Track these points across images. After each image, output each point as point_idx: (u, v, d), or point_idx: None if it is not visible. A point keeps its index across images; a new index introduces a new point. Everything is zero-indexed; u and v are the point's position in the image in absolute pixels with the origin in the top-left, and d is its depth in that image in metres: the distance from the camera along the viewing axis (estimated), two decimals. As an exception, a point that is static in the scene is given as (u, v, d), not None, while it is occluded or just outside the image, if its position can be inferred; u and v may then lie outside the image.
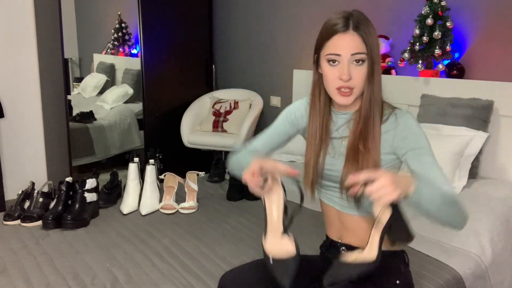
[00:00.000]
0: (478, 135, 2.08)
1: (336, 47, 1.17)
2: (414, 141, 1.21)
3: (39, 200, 2.08)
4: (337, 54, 1.16)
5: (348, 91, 1.17)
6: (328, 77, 1.19)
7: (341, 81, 1.16)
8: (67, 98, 3.23)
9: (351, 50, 1.15)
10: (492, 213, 1.85)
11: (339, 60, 1.17)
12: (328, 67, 1.19)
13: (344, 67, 1.16)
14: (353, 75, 1.16)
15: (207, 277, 1.55)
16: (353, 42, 1.16)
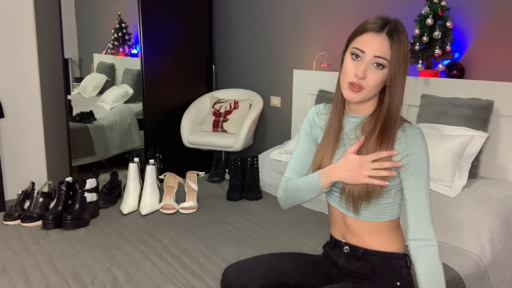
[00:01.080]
0: (478, 135, 2.08)
1: (363, 44, 1.19)
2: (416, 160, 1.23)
3: (39, 200, 2.08)
4: (362, 50, 1.19)
5: (358, 89, 1.20)
6: (346, 69, 1.22)
7: (354, 77, 1.19)
8: (67, 98, 3.23)
9: (375, 52, 1.18)
10: (492, 213, 1.85)
11: (361, 57, 1.19)
12: (350, 59, 1.22)
13: (363, 65, 1.18)
14: (368, 75, 1.19)
15: (207, 277, 1.55)
16: (381, 45, 1.18)
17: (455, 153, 2.04)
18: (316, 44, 3.13)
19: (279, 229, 1.98)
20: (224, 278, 1.35)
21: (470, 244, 1.74)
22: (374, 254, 1.28)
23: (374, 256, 1.28)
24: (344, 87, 1.23)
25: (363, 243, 1.30)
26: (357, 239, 1.31)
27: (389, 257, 1.28)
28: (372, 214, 1.27)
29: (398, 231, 1.33)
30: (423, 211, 1.23)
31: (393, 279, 1.27)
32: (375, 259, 1.28)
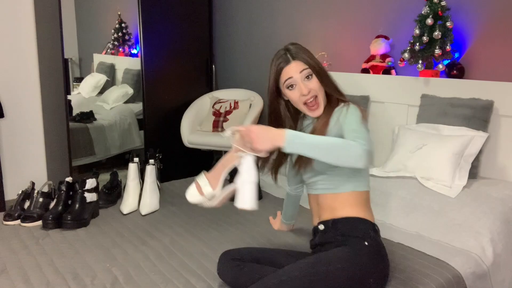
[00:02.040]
0: (478, 135, 2.08)
1: (286, 74, 1.46)
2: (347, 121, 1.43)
3: (39, 200, 2.08)
4: (290, 77, 1.46)
5: (313, 102, 1.47)
6: (294, 99, 1.48)
7: (304, 97, 1.45)
8: (67, 98, 3.23)
9: (298, 69, 1.45)
10: (492, 213, 1.85)
11: (294, 83, 1.46)
12: (289, 92, 1.48)
13: (300, 84, 1.45)
14: (309, 86, 1.45)
15: (207, 277, 1.55)
16: (296, 65, 1.46)
17: (455, 153, 2.04)
18: (316, 44, 3.13)
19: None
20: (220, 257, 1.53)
21: (471, 244, 1.74)
22: (342, 221, 1.45)
23: (342, 224, 1.45)
24: (305, 110, 1.49)
25: (334, 215, 1.48)
26: (328, 213, 1.49)
27: (356, 221, 1.45)
28: (330, 185, 1.49)
29: (365, 206, 1.50)
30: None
31: (361, 239, 1.38)
32: (343, 225, 1.45)
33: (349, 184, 1.47)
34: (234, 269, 1.44)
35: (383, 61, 2.62)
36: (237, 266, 1.44)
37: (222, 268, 1.48)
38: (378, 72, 2.62)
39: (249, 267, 1.43)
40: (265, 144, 1.28)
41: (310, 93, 1.45)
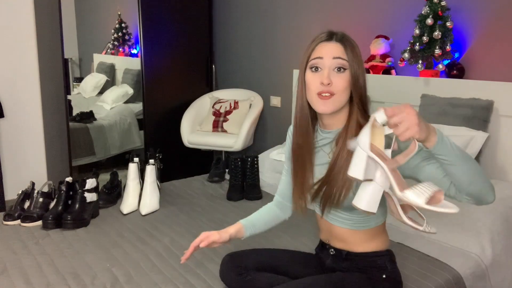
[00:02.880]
0: (478, 135, 2.08)
1: (318, 52, 1.22)
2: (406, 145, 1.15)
3: (39, 200, 2.08)
4: (319, 57, 1.21)
5: (328, 95, 1.20)
6: (311, 84, 1.22)
7: (321, 87, 1.20)
8: (67, 98, 3.23)
9: (333, 54, 1.20)
10: (492, 213, 1.85)
11: (321, 66, 1.21)
12: (310, 74, 1.23)
13: (325, 71, 1.20)
14: (334, 80, 1.19)
15: (208, 276, 1.55)
16: (336, 48, 1.21)
17: (455, 153, 2.04)
18: (316, 44, 3.13)
19: (279, 229, 1.97)
20: (223, 261, 1.46)
21: (471, 244, 1.74)
22: (358, 256, 1.33)
23: (357, 257, 1.33)
24: (314, 101, 1.23)
25: (347, 247, 1.34)
26: (341, 244, 1.36)
27: (372, 257, 1.32)
28: (354, 223, 1.31)
29: (382, 235, 1.36)
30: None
31: (379, 273, 1.31)
32: (359, 260, 1.33)
33: (374, 220, 1.31)
34: (237, 277, 1.39)
35: (383, 61, 2.62)
36: (240, 275, 1.39)
37: (225, 273, 1.44)
38: (378, 72, 2.62)
39: (252, 276, 1.38)
40: (422, 130, 0.99)
41: (330, 87, 1.19)
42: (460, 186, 1.08)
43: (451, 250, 1.73)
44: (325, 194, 1.26)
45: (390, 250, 1.36)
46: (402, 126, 0.99)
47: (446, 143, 1.04)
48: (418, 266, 1.62)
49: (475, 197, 1.08)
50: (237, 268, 1.40)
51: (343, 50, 1.20)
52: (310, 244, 1.80)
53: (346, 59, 1.20)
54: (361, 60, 1.24)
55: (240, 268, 1.40)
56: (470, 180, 1.05)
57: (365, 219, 1.30)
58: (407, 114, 0.99)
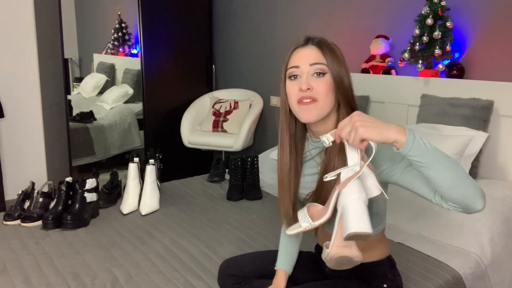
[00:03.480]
0: (478, 135, 2.08)
1: (294, 60, 1.16)
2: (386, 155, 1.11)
3: (39, 200, 2.08)
4: (296, 66, 1.15)
5: (310, 101, 1.13)
6: (291, 93, 1.16)
7: (301, 93, 1.13)
8: (67, 98, 3.23)
9: (309, 60, 1.14)
10: (492, 213, 1.85)
11: (299, 74, 1.15)
12: (289, 82, 1.17)
13: (303, 77, 1.14)
14: (314, 85, 1.13)
15: (207, 277, 1.55)
16: (312, 53, 1.15)
17: (455, 153, 2.04)
18: (316, 44, 3.13)
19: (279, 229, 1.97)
20: (221, 268, 1.44)
21: (470, 244, 1.74)
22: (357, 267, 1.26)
23: (356, 267, 1.25)
24: (297, 110, 1.16)
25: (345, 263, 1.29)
26: None
27: (372, 266, 1.28)
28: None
29: (382, 242, 1.31)
30: None
31: (379, 282, 1.28)
32: (358, 269, 1.25)
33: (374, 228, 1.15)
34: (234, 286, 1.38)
35: (383, 61, 2.62)
36: (237, 284, 1.37)
37: (222, 281, 1.42)
38: (378, 72, 2.62)
39: (249, 283, 1.37)
40: (374, 131, 0.94)
41: (310, 92, 1.12)
42: (440, 192, 1.01)
43: (451, 250, 1.73)
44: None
45: (390, 256, 1.32)
46: (350, 134, 0.96)
47: (419, 144, 0.96)
48: (418, 266, 1.62)
49: (460, 204, 1.00)
50: (234, 277, 1.38)
51: (320, 54, 1.15)
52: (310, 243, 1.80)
53: (325, 63, 1.14)
54: (343, 61, 1.17)
55: (238, 277, 1.38)
56: (449, 185, 0.98)
57: None
58: (349, 122, 0.97)
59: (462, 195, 0.99)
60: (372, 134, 0.95)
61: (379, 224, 1.27)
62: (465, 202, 1.00)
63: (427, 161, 0.97)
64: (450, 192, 0.99)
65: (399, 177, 1.11)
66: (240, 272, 1.38)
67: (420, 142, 0.97)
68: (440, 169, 0.98)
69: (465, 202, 1.00)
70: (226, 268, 1.42)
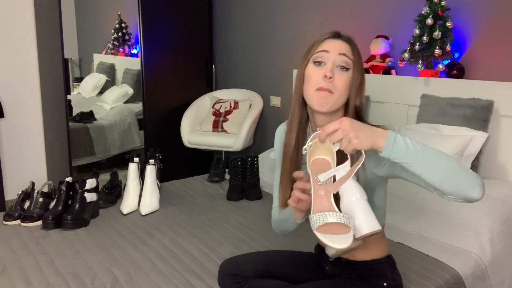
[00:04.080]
0: (478, 135, 2.08)
1: (324, 46, 1.19)
2: None
3: (39, 200, 2.08)
4: (325, 50, 1.18)
5: (326, 93, 1.16)
6: (312, 78, 1.18)
7: (323, 81, 1.15)
8: (67, 98, 3.23)
9: (340, 50, 1.18)
10: (492, 213, 1.85)
11: (325, 61, 1.18)
12: (313, 67, 1.19)
13: (329, 64, 1.16)
14: (336, 77, 1.16)
15: (207, 277, 1.55)
16: (342, 45, 1.19)
17: (455, 153, 2.04)
18: (316, 44, 3.13)
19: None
20: (221, 267, 1.43)
21: (470, 244, 1.74)
22: (357, 264, 1.31)
23: (356, 265, 1.31)
24: (311, 97, 1.18)
25: (348, 256, 1.31)
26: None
27: (371, 265, 1.30)
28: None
29: (382, 240, 1.32)
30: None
31: (379, 281, 1.29)
32: (359, 268, 1.31)
33: None
34: (234, 286, 1.38)
35: (383, 61, 2.62)
36: (237, 283, 1.37)
37: (222, 281, 1.42)
38: (378, 72, 2.62)
39: (250, 284, 1.37)
40: (363, 139, 0.98)
41: (332, 84, 1.15)
42: (434, 186, 1.03)
43: (451, 250, 1.73)
44: None
45: (390, 255, 1.34)
46: (343, 142, 1.00)
47: (400, 145, 1.00)
48: (418, 266, 1.62)
49: (457, 196, 1.02)
50: (234, 277, 1.38)
51: (349, 49, 1.19)
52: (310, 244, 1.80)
53: (352, 58, 1.18)
54: (363, 66, 1.22)
55: (238, 276, 1.38)
56: (440, 180, 1.00)
57: None
58: (342, 131, 0.99)
59: (456, 188, 1.01)
60: (364, 145, 0.99)
61: (380, 219, 1.26)
62: (461, 193, 1.02)
63: (411, 161, 1.00)
64: (443, 186, 1.01)
65: (400, 170, 1.14)
66: (241, 272, 1.38)
67: (401, 143, 1.00)
68: (427, 167, 1.01)
69: (461, 193, 1.02)
70: (227, 268, 1.42)
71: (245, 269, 1.38)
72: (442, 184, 1.01)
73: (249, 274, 1.37)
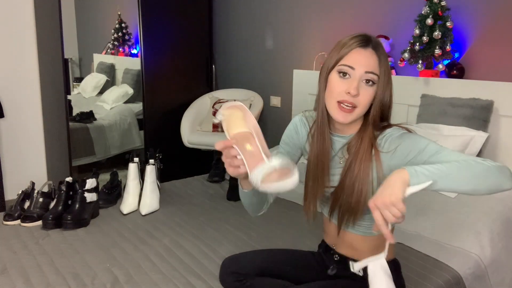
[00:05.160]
0: (478, 135, 2.08)
1: (351, 60, 1.14)
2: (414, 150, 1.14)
3: (39, 200, 2.08)
4: (351, 67, 1.13)
5: (350, 109, 1.14)
6: (335, 89, 1.15)
7: (346, 96, 1.13)
8: (67, 98, 3.23)
9: (366, 68, 1.13)
10: (492, 213, 1.85)
11: (350, 75, 1.14)
12: (337, 78, 1.15)
13: (355, 81, 1.13)
14: (360, 92, 1.13)
15: (207, 276, 1.55)
16: (370, 60, 1.14)
17: (455, 153, 2.04)
18: (316, 44, 3.13)
19: (279, 229, 1.98)
20: (222, 265, 1.43)
21: (470, 244, 1.74)
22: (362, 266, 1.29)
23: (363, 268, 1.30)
24: (333, 108, 1.16)
25: (353, 255, 1.31)
26: (348, 250, 1.33)
27: None
28: (366, 229, 1.28)
29: None
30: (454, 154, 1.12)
31: None
32: (364, 269, 1.28)
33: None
34: (236, 283, 1.38)
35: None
36: (239, 281, 1.37)
37: (224, 278, 1.42)
38: (378, 72, 2.62)
39: (251, 282, 1.37)
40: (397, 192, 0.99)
41: (355, 99, 1.13)
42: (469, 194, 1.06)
43: (451, 250, 1.73)
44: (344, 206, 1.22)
45: (395, 259, 1.34)
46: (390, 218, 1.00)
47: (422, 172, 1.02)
48: (418, 266, 1.62)
49: (493, 193, 1.05)
50: (236, 274, 1.38)
51: (376, 62, 1.14)
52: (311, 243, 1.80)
53: (378, 73, 1.14)
54: (390, 75, 1.18)
55: (239, 274, 1.38)
56: (472, 188, 1.02)
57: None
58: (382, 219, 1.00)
59: (488, 189, 1.03)
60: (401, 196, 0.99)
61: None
62: (494, 190, 1.04)
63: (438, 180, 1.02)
64: (477, 193, 1.04)
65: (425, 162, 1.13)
66: (242, 270, 1.39)
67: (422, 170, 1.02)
68: (453, 183, 1.02)
69: (494, 190, 1.04)
70: (228, 266, 1.42)
71: (247, 267, 1.39)
72: (475, 191, 1.04)
73: (250, 272, 1.38)
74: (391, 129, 1.19)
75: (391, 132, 1.18)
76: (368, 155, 1.17)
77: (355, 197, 1.19)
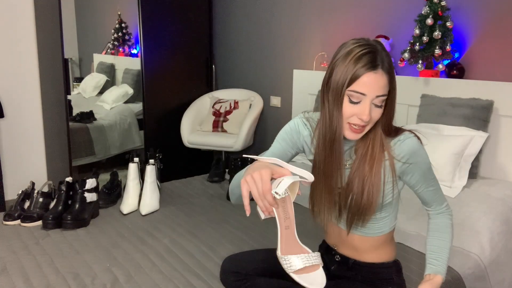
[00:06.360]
0: (478, 135, 2.08)
1: (362, 86, 1.10)
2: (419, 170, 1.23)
3: (39, 200, 2.08)
4: (363, 93, 1.10)
5: (361, 128, 1.14)
6: (345, 113, 1.13)
7: (357, 120, 1.13)
8: (67, 98, 3.23)
9: (378, 92, 1.10)
10: (492, 213, 1.85)
11: (361, 99, 1.11)
12: (348, 103, 1.12)
13: (366, 107, 1.11)
14: (371, 115, 1.13)
15: (207, 276, 1.56)
16: (380, 82, 1.10)
17: (455, 153, 2.04)
18: (316, 44, 3.13)
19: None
20: (223, 264, 1.44)
21: (470, 244, 1.74)
22: (364, 265, 1.31)
23: (364, 267, 1.31)
24: (344, 128, 1.15)
25: (355, 255, 1.32)
26: (350, 251, 1.34)
27: (378, 267, 1.31)
28: (370, 230, 1.29)
29: (391, 243, 1.35)
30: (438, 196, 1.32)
31: (385, 285, 1.30)
32: (365, 270, 1.31)
33: (388, 225, 1.30)
34: (236, 283, 1.39)
35: (383, 61, 2.62)
36: (239, 281, 1.38)
37: (224, 278, 1.43)
38: (378, 72, 2.62)
39: (251, 281, 1.37)
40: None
41: (367, 122, 1.14)
42: None
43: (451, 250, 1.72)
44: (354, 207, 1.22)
45: (397, 260, 1.35)
46: None
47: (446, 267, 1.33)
48: (418, 266, 1.62)
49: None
50: (236, 274, 1.39)
51: (387, 83, 1.11)
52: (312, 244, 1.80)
53: (386, 94, 1.13)
54: (396, 89, 1.17)
55: (239, 274, 1.38)
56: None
57: (381, 224, 1.28)
58: None
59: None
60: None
61: (394, 218, 1.33)
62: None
63: None
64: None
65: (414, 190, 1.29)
66: (242, 269, 1.39)
67: (445, 267, 1.32)
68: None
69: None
70: (229, 265, 1.43)
71: (247, 266, 1.39)
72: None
73: (251, 272, 1.38)
74: (404, 136, 1.20)
75: (403, 139, 1.19)
76: (379, 158, 1.18)
77: (365, 199, 1.20)
